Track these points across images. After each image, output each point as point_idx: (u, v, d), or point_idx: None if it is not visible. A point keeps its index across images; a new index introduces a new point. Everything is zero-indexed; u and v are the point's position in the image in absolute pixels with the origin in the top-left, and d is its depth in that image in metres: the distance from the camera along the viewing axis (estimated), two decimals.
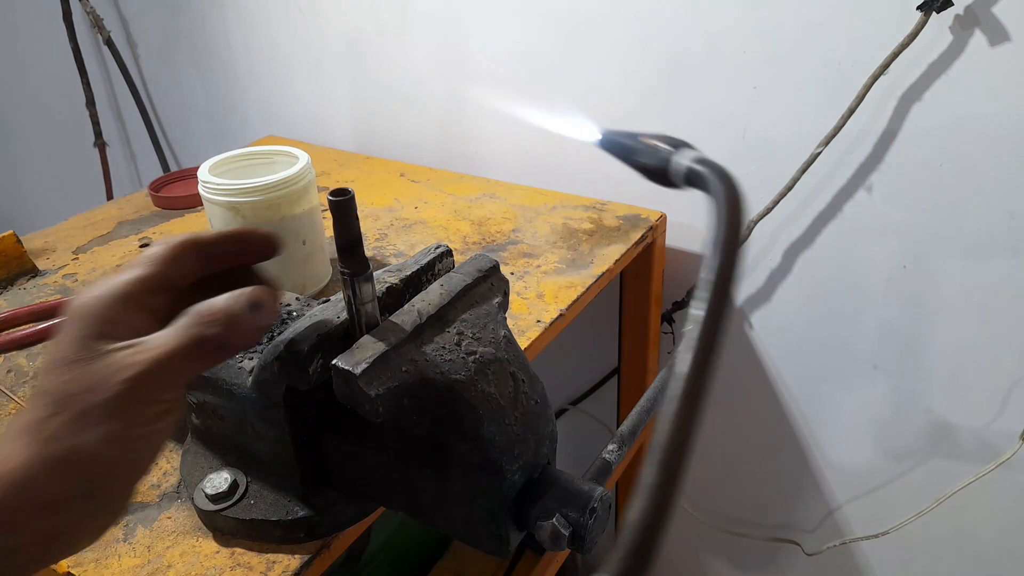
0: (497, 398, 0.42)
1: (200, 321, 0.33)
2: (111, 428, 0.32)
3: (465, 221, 0.97)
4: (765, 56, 0.86)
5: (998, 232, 0.82)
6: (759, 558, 1.22)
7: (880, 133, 0.84)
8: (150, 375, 0.32)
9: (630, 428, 0.49)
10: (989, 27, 0.74)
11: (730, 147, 0.93)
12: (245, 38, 1.33)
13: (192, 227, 1.00)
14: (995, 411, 0.91)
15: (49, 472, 0.31)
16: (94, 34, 1.49)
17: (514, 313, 0.76)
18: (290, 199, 0.75)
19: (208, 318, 0.34)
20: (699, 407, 0.25)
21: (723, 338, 0.25)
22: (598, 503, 0.41)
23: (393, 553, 1.01)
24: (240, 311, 0.34)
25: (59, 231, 1.01)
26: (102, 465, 0.32)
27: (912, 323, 0.91)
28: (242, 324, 0.34)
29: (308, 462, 0.51)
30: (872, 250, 0.90)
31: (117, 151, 1.70)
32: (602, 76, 0.98)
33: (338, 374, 0.39)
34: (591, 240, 0.91)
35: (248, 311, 0.34)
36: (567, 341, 1.21)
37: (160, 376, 0.32)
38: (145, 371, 0.32)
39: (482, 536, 0.44)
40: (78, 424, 0.31)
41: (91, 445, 0.31)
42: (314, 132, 1.32)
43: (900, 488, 1.02)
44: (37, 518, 0.31)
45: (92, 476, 0.32)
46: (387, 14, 1.13)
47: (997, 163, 0.79)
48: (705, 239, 0.26)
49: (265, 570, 0.51)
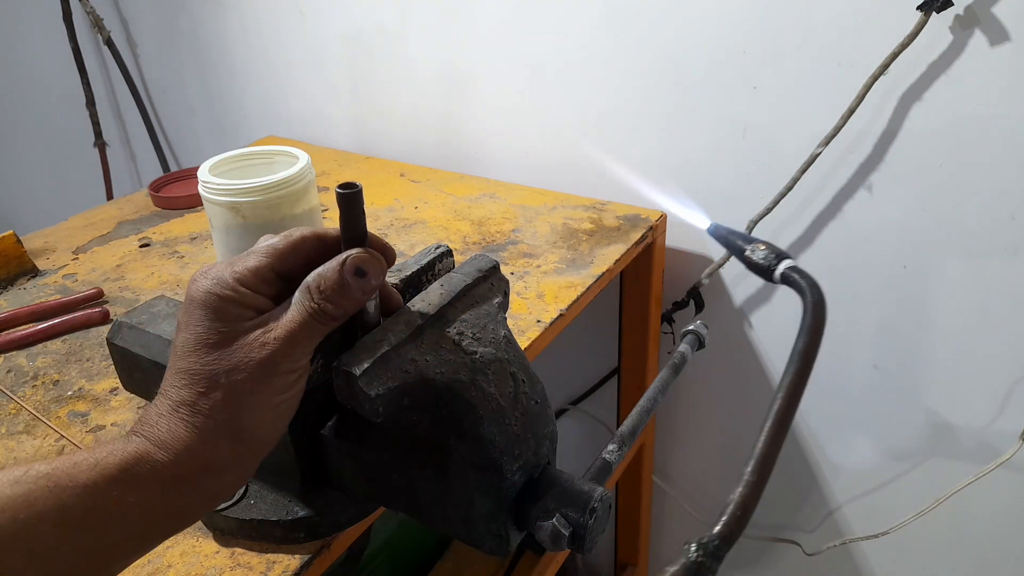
0: (497, 398, 0.42)
1: (316, 295, 0.38)
2: (258, 399, 0.37)
3: (465, 221, 0.97)
4: (765, 56, 0.86)
5: (998, 232, 0.82)
6: (759, 558, 1.22)
7: (880, 133, 0.84)
8: (283, 350, 0.37)
9: (630, 428, 0.49)
10: (989, 27, 0.74)
11: (730, 147, 0.93)
12: (245, 38, 1.33)
13: (192, 227, 1.00)
14: (995, 411, 0.91)
15: (212, 442, 0.36)
16: (94, 34, 1.49)
17: (514, 313, 0.76)
18: (290, 199, 0.75)
19: (323, 291, 0.38)
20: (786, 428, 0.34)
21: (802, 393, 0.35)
22: (598, 503, 0.41)
23: (393, 553, 1.01)
24: (348, 279, 0.38)
25: (59, 231, 1.01)
26: (254, 431, 0.38)
27: (912, 323, 0.91)
28: (351, 291, 0.38)
29: (308, 462, 0.51)
30: (872, 250, 0.90)
31: (117, 151, 1.70)
32: (603, 76, 0.98)
33: (338, 374, 0.39)
34: (591, 240, 0.91)
35: (354, 278, 0.38)
36: (567, 341, 1.21)
37: (291, 349, 0.37)
38: (279, 348, 0.37)
39: (482, 536, 0.44)
40: (230, 399, 0.37)
41: (244, 416, 0.37)
42: (314, 132, 1.32)
43: (900, 488, 1.02)
44: (204, 481, 0.37)
45: (246, 440, 0.37)
46: (387, 14, 1.13)
47: (997, 163, 0.79)
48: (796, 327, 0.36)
49: (265, 570, 0.51)
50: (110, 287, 0.86)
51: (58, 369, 0.73)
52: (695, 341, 0.58)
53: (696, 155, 0.96)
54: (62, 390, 0.70)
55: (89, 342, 0.77)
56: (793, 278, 0.42)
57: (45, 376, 0.72)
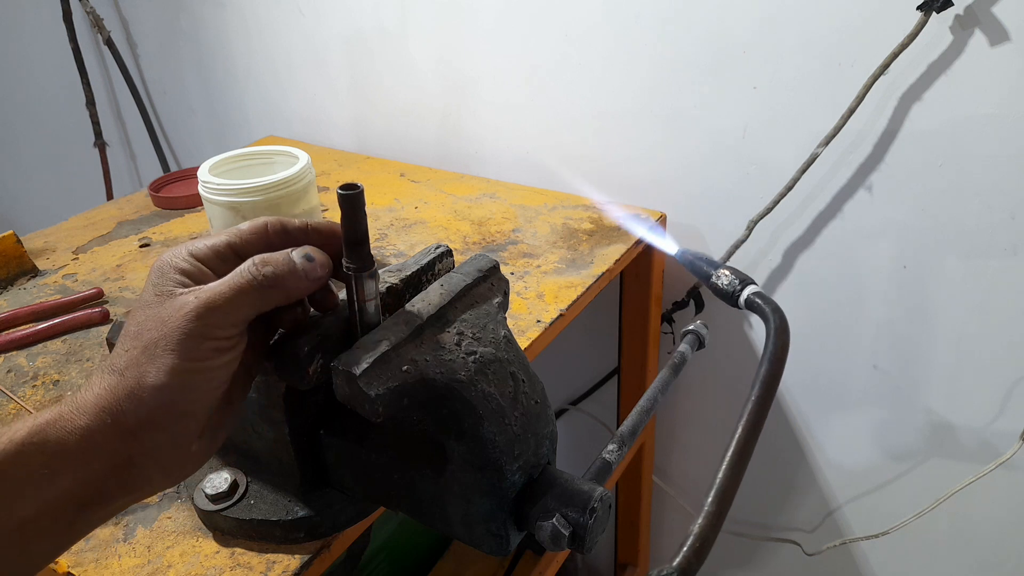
0: (497, 398, 0.42)
1: (256, 263, 0.38)
2: (172, 360, 0.36)
3: (465, 221, 0.97)
4: (765, 56, 0.86)
5: (998, 232, 0.82)
6: (759, 558, 1.22)
7: (880, 133, 0.84)
8: (207, 312, 0.36)
9: (630, 428, 0.49)
10: (989, 27, 0.74)
11: (730, 147, 0.93)
12: (245, 38, 1.33)
13: (192, 227, 1.00)
14: (995, 411, 0.91)
15: (124, 399, 0.35)
16: (94, 34, 1.49)
17: (514, 313, 0.76)
18: (290, 199, 0.75)
19: (261, 262, 0.38)
20: (747, 459, 0.34)
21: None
22: (598, 503, 0.41)
23: (393, 553, 1.01)
24: (295, 258, 0.38)
25: (59, 231, 1.01)
26: (165, 395, 0.36)
27: (912, 323, 0.91)
28: (294, 269, 0.38)
29: (308, 462, 0.51)
30: (872, 250, 0.90)
31: (117, 151, 1.70)
32: (603, 76, 0.98)
33: (338, 374, 0.39)
34: (591, 240, 0.91)
35: (301, 259, 0.39)
36: (567, 341, 1.21)
37: (215, 313, 0.36)
38: (202, 308, 0.36)
39: (482, 536, 0.44)
40: (146, 356, 0.36)
41: (155, 375, 0.35)
42: (314, 132, 1.33)
43: (900, 488, 1.02)
44: (114, 442, 0.35)
45: (157, 405, 0.36)
46: (387, 14, 1.13)
47: (997, 163, 0.79)
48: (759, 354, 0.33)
49: (265, 570, 0.51)
50: (110, 287, 0.86)
51: (58, 369, 0.73)
52: (695, 341, 0.58)
53: (696, 155, 0.96)
54: (62, 390, 0.70)
55: (89, 342, 0.77)
56: (757, 303, 0.42)
57: (45, 376, 0.72)
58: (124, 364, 0.36)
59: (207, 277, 0.38)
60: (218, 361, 0.37)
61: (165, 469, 0.38)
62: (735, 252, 0.96)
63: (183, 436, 0.37)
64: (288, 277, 0.38)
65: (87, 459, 0.35)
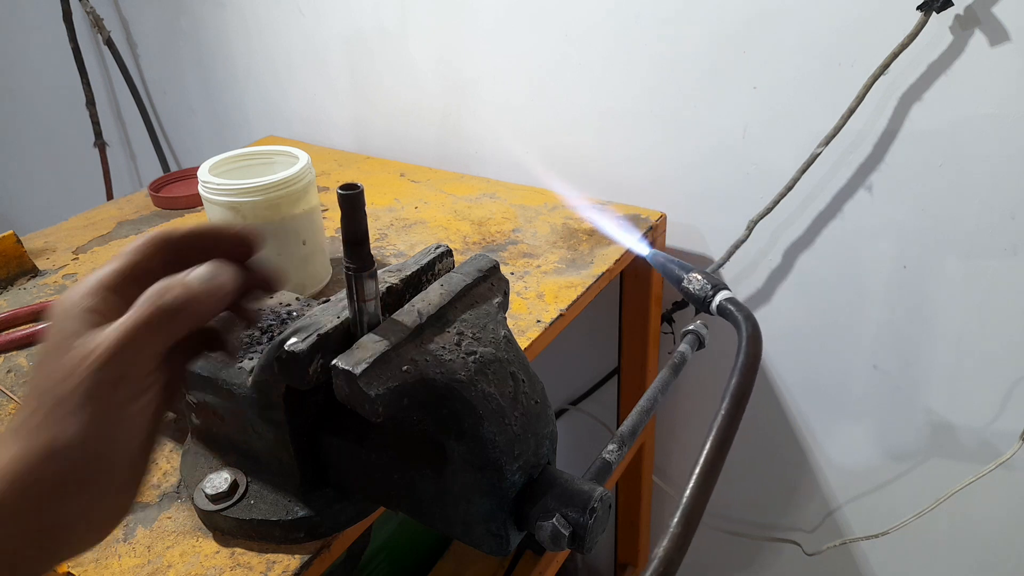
0: (497, 398, 0.42)
1: (155, 293, 0.34)
2: (86, 414, 0.32)
3: (465, 221, 0.97)
4: (765, 56, 0.86)
5: (998, 232, 0.82)
6: (759, 558, 1.22)
7: (880, 133, 0.84)
8: (114, 356, 0.33)
9: (630, 428, 0.49)
10: (989, 27, 0.74)
11: (730, 147, 0.93)
12: (245, 38, 1.33)
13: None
14: (995, 411, 0.91)
15: (37, 464, 0.32)
16: (94, 34, 1.49)
17: (514, 313, 0.76)
18: (290, 199, 0.75)
19: (162, 290, 0.34)
20: (715, 478, 0.33)
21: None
22: (598, 503, 0.41)
23: (393, 553, 1.01)
24: (193, 279, 0.35)
25: (59, 231, 1.01)
26: (85, 452, 0.32)
27: (912, 323, 0.91)
28: (196, 291, 0.35)
29: (308, 462, 0.51)
30: (872, 250, 0.90)
31: (117, 151, 1.70)
32: (603, 76, 0.98)
33: (338, 374, 0.39)
34: (591, 240, 0.91)
35: (202, 281, 0.35)
36: (567, 341, 1.21)
37: (124, 354, 0.33)
38: (108, 352, 0.33)
39: (482, 536, 0.44)
40: (57, 414, 0.32)
41: (71, 433, 0.32)
42: (314, 132, 1.33)
43: (900, 488, 1.02)
44: (31, 512, 0.32)
45: (77, 464, 0.32)
46: (387, 14, 1.13)
47: (997, 163, 0.79)
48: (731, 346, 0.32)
49: (265, 570, 0.51)
50: None
51: None
52: (695, 341, 0.58)
53: (696, 155, 0.96)
54: None
55: None
56: (729, 310, 0.40)
57: None
58: (35, 424, 0.32)
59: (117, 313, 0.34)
60: (137, 405, 0.34)
61: (91, 525, 0.35)
62: (735, 252, 0.96)
63: (107, 489, 0.34)
64: (190, 300, 0.35)
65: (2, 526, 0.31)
